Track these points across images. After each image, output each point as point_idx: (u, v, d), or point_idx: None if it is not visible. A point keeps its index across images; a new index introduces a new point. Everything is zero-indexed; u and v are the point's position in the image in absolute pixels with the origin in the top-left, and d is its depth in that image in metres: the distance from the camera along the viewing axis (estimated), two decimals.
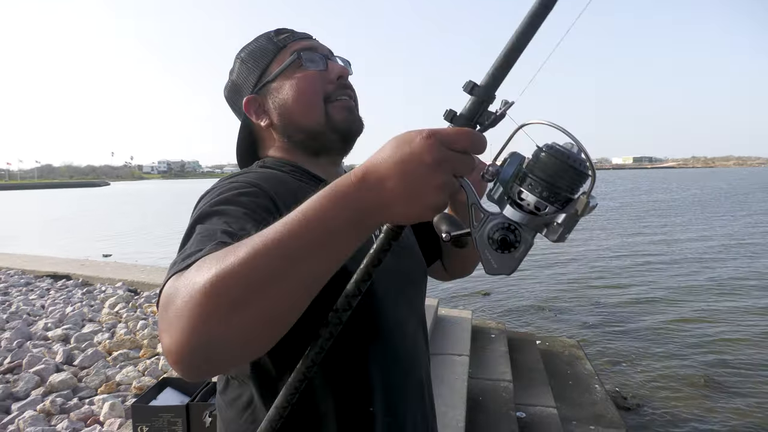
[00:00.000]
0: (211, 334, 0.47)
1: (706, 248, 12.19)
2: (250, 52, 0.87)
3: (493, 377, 3.83)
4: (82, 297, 4.48)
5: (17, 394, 2.56)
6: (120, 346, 3.14)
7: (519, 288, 8.50)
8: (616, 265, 10.49)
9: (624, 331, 6.42)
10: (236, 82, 0.89)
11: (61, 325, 3.57)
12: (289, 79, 0.83)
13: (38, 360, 2.89)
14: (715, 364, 5.38)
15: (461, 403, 2.97)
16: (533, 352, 4.84)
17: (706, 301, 7.70)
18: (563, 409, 3.83)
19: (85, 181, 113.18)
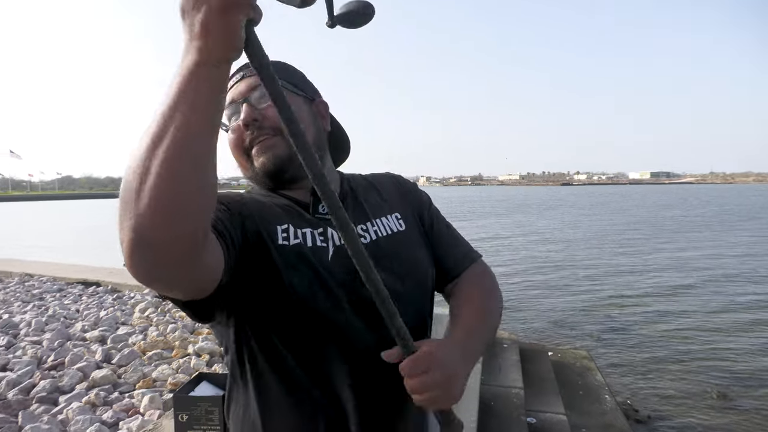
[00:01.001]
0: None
1: (722, 264, 12.16)
2: None
3: (504, 384, 3.96)
4: (113, 302, 4.72)
5: (63, 388, 2.78)
6: (153, 346, 3.36)
7: (532, 302, 8.60)
8: (628, 279, 10.53)
9: (636, 344, 6.48)
10: None
11: (97, 328, 3.81)
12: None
13: (79, 358, 3.12)
14: (728, 378, 5.42)
15: (473, 406, 3.12)
16: (545, 362, 4.96)
17: (719, 315, 7.73)
18: (573, 417, 3.95)
19: (104, 193, 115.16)
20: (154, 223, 0.54)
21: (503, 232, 21.09)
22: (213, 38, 0.52)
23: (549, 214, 33.14)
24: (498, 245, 16.43)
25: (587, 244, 16.47)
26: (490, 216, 31.58)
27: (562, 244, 16.66)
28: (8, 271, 6.32)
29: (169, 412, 2.34)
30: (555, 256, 13.95)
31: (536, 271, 11.66)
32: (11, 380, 2.77)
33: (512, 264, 12.61)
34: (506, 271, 11.44)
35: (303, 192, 0.91)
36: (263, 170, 0.87)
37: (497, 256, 13.89)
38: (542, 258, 13.62)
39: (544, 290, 9.54)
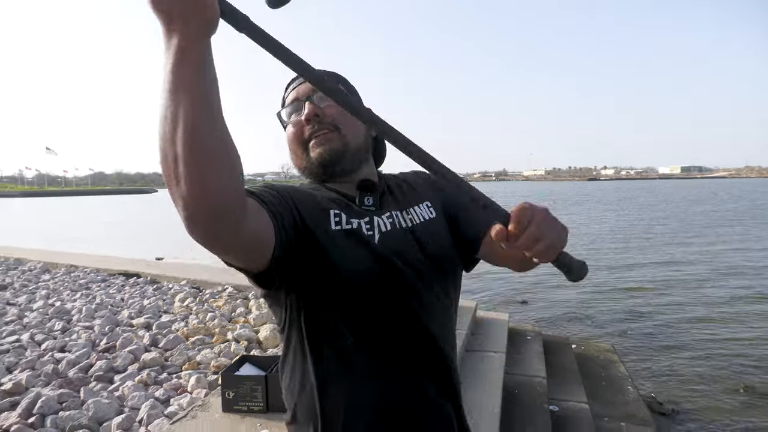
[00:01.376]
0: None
1: (751, 258, 11.94)
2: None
3: (528, 374, 4.08)
4: (153, 292, 4.99)
5: (117, 368, 3.02)
6: (195, 332, 3.59)
7: (556, 297, 8.64)
8: (654, 274, 10.46)
9: (661, 339, 6.48)
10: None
11: (142, 315, 4.07)
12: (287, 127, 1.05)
13: (129, 342, 3.37)
14: (755, 372, 5.41)
15: (497, 393, 3.25)
16: (568, 354, 5.05)
17: (746, 310, 7.66)
18: (595, 406, 4.04)
19: (134, 188, 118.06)
20: (191, 187, 0.61)
21: None
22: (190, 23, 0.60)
23: (575, 209, 32.76)
24: None
25: (613, 239, 16.33)
26: None
27: (587, 239, 16.55)
28: (55, 263, 6.69)
29: (216, 391, 2.56)
30: (579, 250, 13.89)
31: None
32: (71, 360, 3.03)
33: None
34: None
35: (349, 186, 1.02)
36: (319, 160, 0.98)
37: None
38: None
39: (568, 284, 9.55)
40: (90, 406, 2.44)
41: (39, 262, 6.76)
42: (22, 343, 3.37)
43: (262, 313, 4.02)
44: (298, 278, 0.91)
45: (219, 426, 2.19)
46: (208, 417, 2.27)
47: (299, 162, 1.02)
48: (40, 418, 2.37)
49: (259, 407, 2.29)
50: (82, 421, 2.34)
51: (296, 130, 0.99)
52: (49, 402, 2.46)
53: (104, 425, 2.35)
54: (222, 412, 2.30)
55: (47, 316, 4.08)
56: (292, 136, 1.01)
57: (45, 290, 5.11)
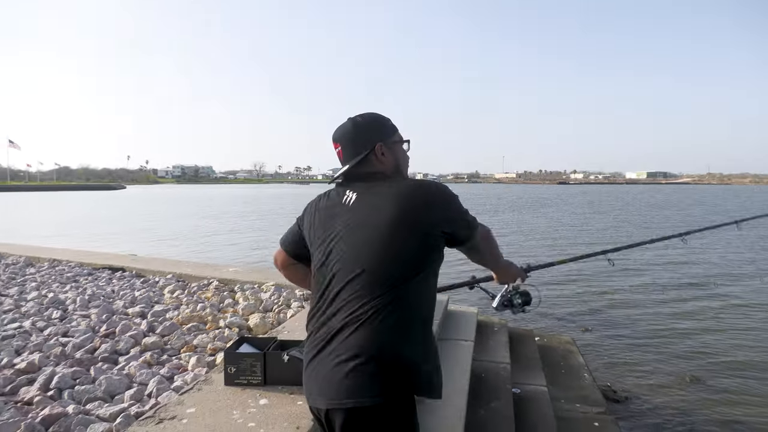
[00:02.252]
0: None
1: (704, 260, 12.74)
2: (380, 119, 1.58)
3: (494, 360, 4.49)
4: (142, 285, 5.21)
5: (120, 351, 3.28)
6: (189, 320, 3.86)
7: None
8: (613, 273, 11.10)
9: (618, 334, 7.03)
10: (369, 130, 1.53)
11: (136, 305, 4.30)
12: (401, 149, 1.61)
13: (128, 328, 3.62)
14: (700, 363, 5.97)
15: (465, 374, 3.64)
16: (531, 345, 5.49)
17: (694, 305, 8.34)
18: (553, 390, 4.48)
19: (101, 184, 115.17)
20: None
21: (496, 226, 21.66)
22: None
23: (542, 211, 33.71)
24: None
25: (577, 240, 17.05)
26: (485, 213, 32.11)
27: (551, 239, 17.23)
28: (37, 257, 6.80)
29: (217, 368, 2.86)
30: (545, 251, 14.51)
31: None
32: (76, 344, 3.27)
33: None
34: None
35: None
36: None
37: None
38: (533, 252, 14.18)
39: (534, 283, 10.07)
40: (102, 381, 2.71)
41: (21, 256, 6.85)
42: (25, 329, 3.58)
43: (249, 303, 4.31)
44: None
45: (222, 396, 2.50)
46: (212, 389, 2.57)
47: (406, 170, 1.63)
48: (57, 392, 2.63)
49: (257, 381, 2.61)
50: (97, 393, 2.61)
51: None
52: (64, 378, 2.72)
53: (116, 397, 2.63)
54: (224, 385, 2.61)
55: (43, 306, 4.27)
56: (408, 159, 1.64)
57: (34, 282, 5.26)
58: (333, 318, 1.33)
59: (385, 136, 1.54)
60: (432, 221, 1.37)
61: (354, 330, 1.28)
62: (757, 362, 5.94)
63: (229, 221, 25.96)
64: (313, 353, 1.36)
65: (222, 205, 43.05)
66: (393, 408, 1.25)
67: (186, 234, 19.83)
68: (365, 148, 1.50)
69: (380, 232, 1.34)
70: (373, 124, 1.54)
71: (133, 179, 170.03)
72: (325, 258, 1.43)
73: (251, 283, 5.17)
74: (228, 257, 13.56)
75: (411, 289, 1.33)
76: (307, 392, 1.36)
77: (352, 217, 1.42)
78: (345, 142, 1.54)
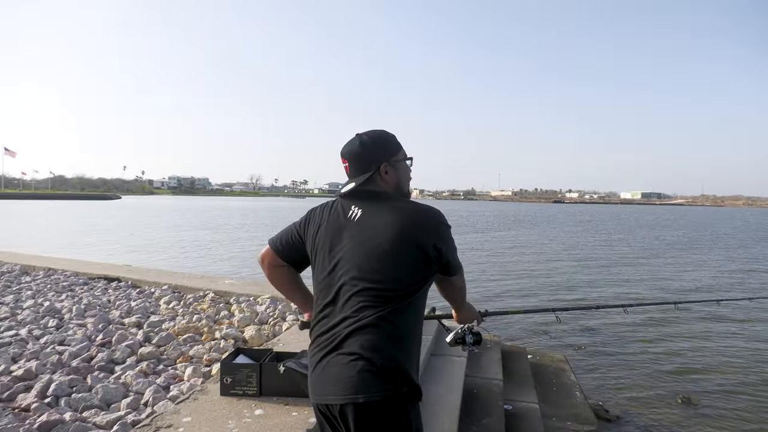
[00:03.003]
0: None
1: (699, 279, 12.84)
2: (386, 138, 1.67)
3: (486, 377, 4.52)
4: (138, 295, 5.23)
5: (116, 360, 3.31)
6: (185, 331, 3.89)
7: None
8: (607, 292, 11.18)
9: (611, 354, 7.07)
10: (375, 150, 1.63)
11: (132, 315, 4.33)
12: (404, 167, 1.70)
13: (124, 338, 3.65)
14: (691, 385, 6.00)
15: (458, 390, 3.68)
16: (524, 362, 5.52)
17: (686, 328, 8.37)
18: (545, 407, 4.51)
19: (97, 194, 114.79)
20: None
21: (488, 244, 21.74)
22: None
23: (535, 230, 33.87)
24: (483, 257, 17.05)
25: (571, 258, 17.14)
26: (479, 231, 32.21)
27: (545, 257, 17.32)
28: (32, 265, 6.81)
29: (213, 378, 2.89)
30: (539, 267, 14.60)
31: (521, 280, 12.28)
32: (72, 352, 3.29)
33: (498, 275, 13.22)
34: (495, 285, 12.03)
35: None
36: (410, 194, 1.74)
37: (480, 264, 14.52)
38: (527, 270, 14.25)
39: (528, 300, 10.16)
40: (99, 390, 2.74)
41: (16, 265, 6.86)
42: (22, 336, 3.60)
43: (245, 315, 4.35)
44: None
45: (218, 406, 2.53)
46: (207, 399, 2.60)
47: (408, 185, 1.73)
48: (54, 399, 2.65)
49: (253, 391, 2.64)
50: (94, 401, 2.64)
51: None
52: (61, 386, 2.75)
53: (113, 405, 2.66)
54: (220, 395, 2.64)
55: (39, 314, 4.29)
56: (409, 176, 1.74)
57: (29, 291, 5.28)
58: (341, 324, 1.45)
59: (390, 156, 1.65)
60: (428, 239, 1.50)
61: (361, 335, 1.40)
62: (748, 381, 5.99)
63: (226, 233, 25.94)
64: (321, 354, 1.46)
65: (218, 217, 42.97)
66: (400, 403, 1.39)
67: (181, 245, 19.81)
68: (371, 168, 1.62)
69: (384, 249, 1.46)
70: (379, 144, 1.65)
71: (129, 190, 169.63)
72: (332, 267, 1.53)
73: (247, 295, 5.20)
74: (224, 269, 13.56)
75: (410, 303, 1.47)
76: (315, 391, 1.45)
77: (358, 233, 1.53)
78: (352, 159, 1.64)
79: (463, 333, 2.07)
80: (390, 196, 1.62)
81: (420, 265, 1.49)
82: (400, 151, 1.69)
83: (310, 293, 1.78)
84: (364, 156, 1.62)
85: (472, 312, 2.03)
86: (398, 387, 1.38)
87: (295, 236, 1.72)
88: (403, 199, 1.64)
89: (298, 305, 1.88)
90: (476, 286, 11.64)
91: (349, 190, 1.62)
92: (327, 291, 1.53)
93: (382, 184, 1.64)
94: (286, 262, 1.75)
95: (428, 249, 1.49)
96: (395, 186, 1.66)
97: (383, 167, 1.62)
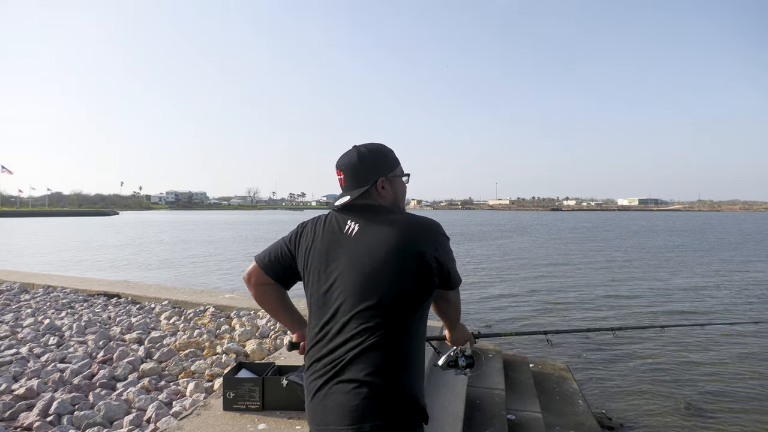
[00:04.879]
0: None
1: (695, 285, 12.85)
2: (384, 152, 1.61)
3: (489, 386, 4.51)
4: (138, 311, 5.22)
5: (118, 377, 3.30)
6: (187, 346, 3.88)
7: (518, 323, 9.18)
8: (606, 300, 11.19)
9: (613, 362, 7.05)
10: (373, 164, 1.57)
11: (133, 331, 4.32)
12: (401, 183, 1.64)
13: (126, 354, 3.64)
14: (694, 390, 5.99)
15: (461, 400, 3.67)
16: (526, 371, 5.51)
17: (687, 334, 8.36)
18: (548, 416, 4.50)
19: (94, 210, 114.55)
20: None
21: (483, 253, 21.76)
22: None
23: (528, 239, 33.90)
24: (478, 266, 17.06)
25: (567, 267, 17.15)
26: (474, 240, 32.24)
27: (542, 266, 17.33)
28: (31, 283, 6.79)
29: (215, 393, 2.89)
30: (533, 271, 14.61)
31: (522, 291, 12.27)
32: (74, 370, 3.29)
33: (495, 283, 13.23)
34: (493, 291, 12.04)
35: None
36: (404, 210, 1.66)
37: (478, 275, 14.52)
38: (525, 278, 14.26)
39: (529, 310, 10.15)
40: (101, 407, 2.73)
41: (15, 283, 6.84)
42: (23, 355, 3.60)
43: (246, 329, 4.34)
44: None
45: (221, 421, 2.53)
46: (210, 414, 2.60)
47: (403, 203, 1.67)
48: (56, 417, 2.65)
49: (256, 406, 2.64)
50: (96, 419, 2.63)
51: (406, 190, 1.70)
52: (63, 404, 2.74)
53: (115, 423, 2.65)
54: (223, 410, 2.64)
55: (39, 332, 4.28)
56: (406, 192, 1.69)
57: (29, 309, 5.27)
58: (341, 348, 1.37)
59: (387, 171, 1.58)
60: (429, 250, 1.42)
61: (364, 360, 1.33)
62: (750, 388, 5.98)
63: (224, 247, 25.90)
64: (321, 382, 1.38)
65: (217, 231, 42.90)
66: (406, 429, 1.33)
67: (180, 260, 19.77)
68: (367, 182, 1.55)
69: (384, 264, 1.39)
70: (377, 157, 1.58)
71: (126, 205, 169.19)
72: (329, 286, 1.44)
73: (247, 309, 5.20)
74: (224, 284, 13.53)
75: (411, 322, 1.40)
76: (315, 420, 1.38)
77: (355, 249, 1.44)
78: (348, 172, 1.57)
79: (456, 356, 1.99)
80: (387, 209, 1.55)
81: (421, 278, 1.41)
82: (398, 166, 1.63)
83: (298, 312, 1.73)
84: (361, 169, 1.55)
85: (466, 333, 1.93)
86: (405, 413, 1.33)
87: (284, 252, 1.61)
88: (399, 211, 1.58)
89: (286, 325, 1.75)
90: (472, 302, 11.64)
91: (344, 204, 1.54)
92: (323, 311, 1.44)
93: (379, 199, 1.57)
94: (274, 279, 1.64)
95: (430, 261, 1.41)
96: (392, 201, 1.60)
97: (380, 182, 1.56)
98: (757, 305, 10.81)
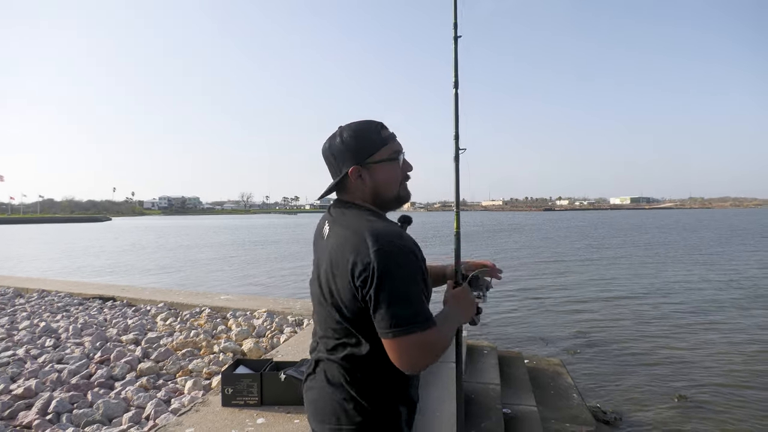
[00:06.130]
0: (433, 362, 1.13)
1: (688, 280, 12.98)
2: (361, 135, 1.28)
3: (484, 381, 4.55)
4: (134, 314, 5.23)
5: (116, 376, 3.32)
6: (184, 346, 3.90)
7: (511, 320, 9.25)
8: (599, 296, 11.28)
9: (607, 355, 7.13)
10: (345, 150, 1.28)
11: (129, 333, 4.34)
12: (386, 169, 1.29)
13: (123, 355, 3.66)
14: (686, 383, 6.07)
15: (454, 396, 3.71)
16: (521, 367, 5.56)
17: (678, 326, 8.47)
18: (543, 410, 4.54)
19: (86, 216, 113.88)
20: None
21: (484, 254, 21.84)
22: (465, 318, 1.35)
23: (521, 238, 34.06)
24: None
25: (558, 265, 17.26)
26: (469, 240, 32.36)
27: (533, 266, 17.42)
28: (26, 288, 6.78)
29: (214, 390, 2.92)
30: (529, 274, 14.69)
31: (516, 289, 12.34)
32: (71, 370, 3.30)
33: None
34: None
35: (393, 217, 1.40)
36: (405, 199, 1.34)
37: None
38: (519, 277, 14.33)
39: (523, 306, 10.22)
40: (100, 405, 2.75)
41: (9, 287, 6.82)
42: (20, 356, 3.60)
43: (242, 329, 4.36)
44: None
45: (220, 416, 2.55)
46: (209, 410, 2.63)
47: (392, 190, 1.32)
48: (55, 416, 2.67)
49: (254, 401, 2.67)
50: (95, 417, 2.65)
51: (403, 168, 1.34)
52: (62, 402, 2.76)
53: (114, 420, 2.67)
54: (221, 406, 2.66)
55: (36, 334, 4.29)
56: (398, 171, 1.32)
57: (24, 312, 5.26)
58: (316, 348, 1.33)
59: (363, 157, 1.28)
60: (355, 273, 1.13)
61: (326, 366, 1.26)
62: (743, 380, 6.06)
63: (222, 250, 25.85)
64: (305, 376, 1.36)
65: (213, 235, 42.78)
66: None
67: (175, 264, 19.72)
68: (340, 172, 1.30)
69: (323, 281, 1.25)
70: (352, 142, 1.28)
71: (119, 211, 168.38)
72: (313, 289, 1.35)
73: (243, 310, 5.22)
74: (219, 285, 13.52)
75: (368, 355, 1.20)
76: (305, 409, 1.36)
77: (323, 256, 1.27)
78: (325, 160, 1.35)
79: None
80: (356, 207, 1.29)
81: (358, 310, 1.16)
82: (381, 148, 1.29)
83: (436, 267, 1.59)
84: (335, 158, 1.30)
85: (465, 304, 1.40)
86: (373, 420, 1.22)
87: None
88: (367, 212, 1.27)
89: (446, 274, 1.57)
90: None
91: (333, 201, 1.38)
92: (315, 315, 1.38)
93: (354, 191, 1.30)
94: None
95: (356, 289, 1.13)
96: (372, 193, 1.30)
97: (353, 171, 1.27)
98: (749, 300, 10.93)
